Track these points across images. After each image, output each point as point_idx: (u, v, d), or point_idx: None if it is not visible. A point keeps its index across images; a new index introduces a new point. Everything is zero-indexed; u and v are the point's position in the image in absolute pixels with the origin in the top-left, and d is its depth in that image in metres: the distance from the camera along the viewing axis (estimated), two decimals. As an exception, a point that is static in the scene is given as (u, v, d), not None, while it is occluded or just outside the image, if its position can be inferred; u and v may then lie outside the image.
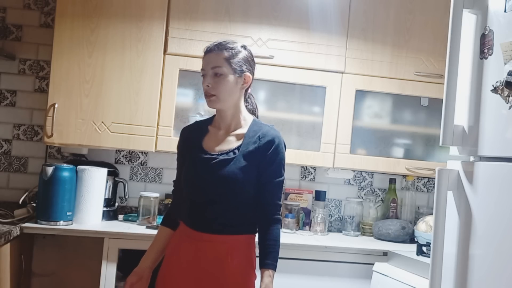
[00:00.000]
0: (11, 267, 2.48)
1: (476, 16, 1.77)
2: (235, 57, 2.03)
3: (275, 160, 2.04)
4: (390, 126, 3.14)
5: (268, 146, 2.03)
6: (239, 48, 2.06)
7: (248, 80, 2.08)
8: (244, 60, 2.07)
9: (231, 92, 2.03)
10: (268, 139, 2.04)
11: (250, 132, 2.05)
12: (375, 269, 2.68)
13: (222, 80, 2.00)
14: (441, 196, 1.76)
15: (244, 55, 2.08)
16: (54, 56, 2.78)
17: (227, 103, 2.04)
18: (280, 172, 2.05)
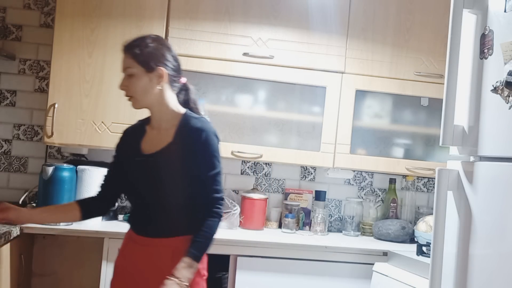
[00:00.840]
0: (11, 267, 2.48)
1: (476, 16, 1.77)
2: (143, 54, 1.96)
3: (206, 152, 1.96)
4: (390, 126, 3.14)
5: (197, 139, 1.96)
6: (147, 43, 1.99)
7: (162, 74, 1.97)
8: (153, 54, 1.98)
9: (146, 91, 1.96)
10: (196, 132, 1.97)
11: (180, 127, 1.99)
12: (375, 269, 2.68)
13: (134, 80, 1.95)
14: (441, 196, 1.76)
15: (153, 49, 1.98)
16: (54, 56, 2.78)
17: (146, 102, 1.99)
18: (213, 165, 1.97)
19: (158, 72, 1.96)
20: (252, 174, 3.27)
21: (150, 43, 1.99)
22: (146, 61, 1.95)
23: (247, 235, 2.85)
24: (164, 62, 1.99)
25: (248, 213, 3.03)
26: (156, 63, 1.97)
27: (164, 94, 2.00)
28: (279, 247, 2.78)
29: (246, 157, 2.95)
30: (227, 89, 3.00)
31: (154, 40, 2.02)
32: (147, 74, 1.96)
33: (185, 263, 1.91)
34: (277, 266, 2.75)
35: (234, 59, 2.91)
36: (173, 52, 2.06)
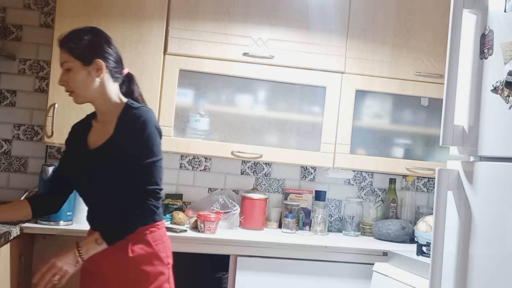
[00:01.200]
0: (11, 267, 2.48)
1: (476, 16, 1.77)
2: (79, 47, 1.93)
3: (141, 140, 1.93)
4: (390, 126, 3.14)
5: (132, 127, 1.94)
6: (82, 36, 1.96)
7: (100, 66, 1.95)
8: (89, 46, 1.95)
9: (86, 85, 1.95)
10: (133, 121, 1.94)
11: (120, 118, 1.98)
12: (375, 269, 2.68)
13: (72, 75, 1.94)
14: (441, 196, 1.76)
15: (89, 42, 1.96)
16: (54, 56, 2.77)
17: (87, 96, 1.98)
18: (149, 154, 1.92)
19: (96, 64, 1.95)
20: (252, 174, 3.27)
21: (85, 35, 1.97)
22: (82, 54, 1.93)
23: (247, 235, 2.85)
24: (102, 54, 1.97)
25: (248, 213, 3.03)
26: (93, 55, 1.94)
27: (105, 86, 1.98)
28: (279, 247, 2.78)
29: (246, 157, 2.95)
30: (227, 89, 3.00)
31: (89, 32, 1.99)
32: (85, 68, 1.94)
33: (93, 239, 1.90)
34: (277, 266, 2.75)
35: (234, 59, 2.91)
36: (112, 42, 2.03)
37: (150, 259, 1.99)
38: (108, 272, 2.00)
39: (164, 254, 2.03)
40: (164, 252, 2.03)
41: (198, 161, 3.23)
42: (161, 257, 2.01)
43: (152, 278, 1.99)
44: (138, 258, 1.97)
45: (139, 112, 1.96)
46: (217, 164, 3.24)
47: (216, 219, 2.81)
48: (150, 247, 1.99)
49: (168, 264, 2.05)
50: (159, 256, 2.01)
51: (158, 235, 2.02)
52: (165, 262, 2.03)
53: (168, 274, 2.04)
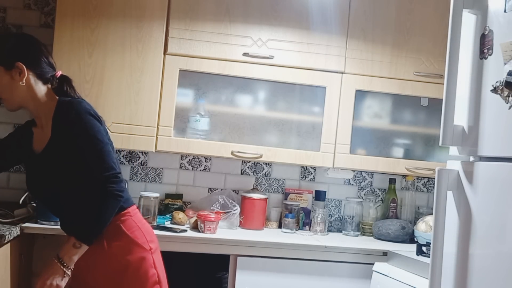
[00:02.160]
0: (11, 267, 2.48)
1: (476, 16, 1.78)
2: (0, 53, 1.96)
3: (80, 131, 1.91)
4: (390, 126, 3.14)
5: (67, 122, 1.92)
6: (4, 41, 1.98)
7: (22, 69, 1.95)
8: (9, 50, 1.96)
9: (12, 90, 1.95)
10: (65, 116, 1.92)
11: (55, 117, 1.96)
12: (375, 269, 2.68)
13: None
14: (441, 196, 1.77)
15: (10, 46, 1.98)
16: (54, 56, 2.76)
17: (17, 101, 1.98)
18: (93, 141, 1.90)
19: (18, 68, 1.95)
20: (252, 174, 3.28)
21: (6, 41, 1.98)
22: (4, 58, 1.94)
23: (247, 235, 2.85)
24: (25, 57, 1.97)
25: (248, 213, 3.03)
26: (14, 59, 1.94)
27: (33, 89, 1.98)
28: (279, 247, 2.78)
29: (246, 157, 2.95)
30: (227, 89, 3.00)
31: (11, 37, 2.03)
32: (8, 72, 1.95)
33: (70, 245, 1.90)
34: (277, 266, 2.76)
35: (234, 59, 2.91)
36: (41, 45, 2.04)
37: (128, 248, 1.98)
38: (88, 270, 1.99)
39: (143, 240, 2.00)
40: (143, 238, 2.00)
41: (198, 161, 3.23)
42: (139, 243, 1.99)
43: (133, 265, 1.97)
44: (115, 249, 1.96)
45: (69, 105, 1.95)
46: (217, 164, 3.24)
47: (216, 219, 2.81)
48: (125, 236, 1.97)
49: (151, 249, 2.02)
50: (137, 243, 1.99)
51: (132, 222, 2.00)
52: (145, 247, 2.00)
53: (151, 259, 2.01)
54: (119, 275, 1.98)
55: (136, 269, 1.98)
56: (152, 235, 2.08)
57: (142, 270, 1.99)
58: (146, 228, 2.06)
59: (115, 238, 1.97)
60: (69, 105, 1.95)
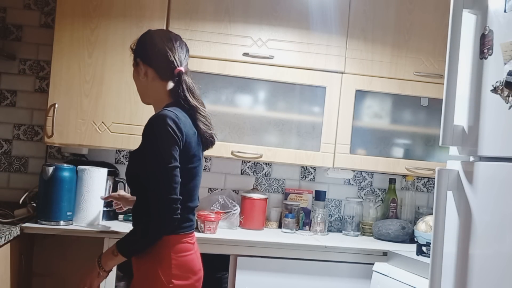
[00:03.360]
0: (11, 267, 2.48)
1: (476, 16, 1.78)
2: (134, 48, 2.05)
3: (144, 147, 1.88)
4: (390, 126, 3.14)
5: (144, 129, 1.89)
6: (139, 38, 2.06)
7: (141, 66, 2.00)
8: (138, 48, 2.04)
9: (139, 86, 2.04)
10: (145, 126, 1.89)
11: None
12: (375, 269, 2.68)
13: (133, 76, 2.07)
14: (441, 196, 1.77)
15: (140, 42, 2.04)
16: (54, 56, 2.78)
17: (145, 98, 2.06)
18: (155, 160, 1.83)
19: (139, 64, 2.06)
20: (252, 174, 3.28)
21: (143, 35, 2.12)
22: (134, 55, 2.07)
23: (247, 235, 2.85)
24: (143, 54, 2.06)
25: (248, 213, 3.03)
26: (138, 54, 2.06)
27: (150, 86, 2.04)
28: (279, 247, 2.78)
29: (246, 157, 2.95)
30: (227, 89, 3.00)
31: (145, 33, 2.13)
32: (136, 69, 2.07)
33: (110, 249, 1.93)
34: (277, 266, 2.76)
35: (234, 59, 2.91)
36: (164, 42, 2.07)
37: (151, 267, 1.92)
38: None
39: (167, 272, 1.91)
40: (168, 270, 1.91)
41: (198, 161, 3.23)
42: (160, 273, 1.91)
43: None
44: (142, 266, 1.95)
45: (152, 117, 1.91)
46: (217, 164, 3.24)
47: (216, 219, 2.81)
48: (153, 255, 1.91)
49: (170, 284, 1.91)
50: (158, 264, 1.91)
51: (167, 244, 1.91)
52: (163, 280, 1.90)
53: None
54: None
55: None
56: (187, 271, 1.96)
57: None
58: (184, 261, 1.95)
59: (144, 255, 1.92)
60: (151, 118, 1.91)
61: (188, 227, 1.98)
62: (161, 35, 2.07)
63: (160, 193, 1.82)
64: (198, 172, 2.00)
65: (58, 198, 2.65)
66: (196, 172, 1.99)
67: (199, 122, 2.01)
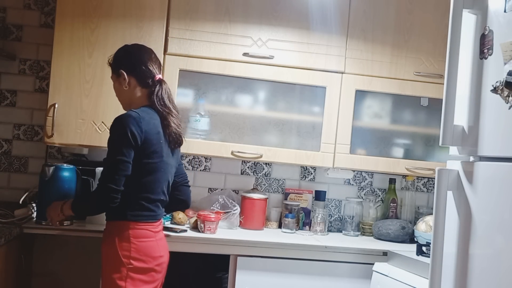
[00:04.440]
0: (11, 267, 2.48)
1: (476, 16, 1.78)
2: (113, 59, 2.27)
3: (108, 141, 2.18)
4: (390, 126, 3.14)
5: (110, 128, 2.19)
6: (117, 52, 2.29)
7: (122, 76, 2.25)
8: (117, 59, 2.26)
9: (120, 94, 2.27)
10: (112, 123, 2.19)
11: None
12: (375, 269, 2.68)
13: (113, 86, 2.33)
14: (441, 196, 1.77)
15: (118, 54, 2.26)
16: (54, 56, 2.78)
17: (125, 105, 2.30)
18: (108, 153, 2.15)
19: (120, 74, 2.30)
20: (252, 174, 3.28)
21: (120, 49, 2.37)
22: (114, 65, 2.32)
23: (247, 235, 2.85)
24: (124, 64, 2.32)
25: (248, 213, 3.03)
26: (119, 65, 2.30)
27: (132, 93, 2.30)
28: (279, 247, 2.78)
29: (246, 157, 2.95)
30: (227, 89, 3.00)
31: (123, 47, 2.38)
32: (117, 79, 2.33)
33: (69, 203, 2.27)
34: (277, 266, 2.76)
35: (234, 59, 2.91)
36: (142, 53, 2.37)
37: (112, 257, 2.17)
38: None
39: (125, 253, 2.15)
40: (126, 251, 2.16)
41: (198, 161, 3.23)
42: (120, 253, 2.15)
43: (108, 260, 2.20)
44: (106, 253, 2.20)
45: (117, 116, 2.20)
46: (217, 164, 3.24)
47: (216, 219, 2.81)
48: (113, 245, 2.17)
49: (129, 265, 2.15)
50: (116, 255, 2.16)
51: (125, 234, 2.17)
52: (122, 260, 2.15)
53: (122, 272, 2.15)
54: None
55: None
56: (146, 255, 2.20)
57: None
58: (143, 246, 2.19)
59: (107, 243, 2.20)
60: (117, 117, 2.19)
61: (148, 216, 2.22)
62: (139, 48, 2.34)
63: (102, 180, 2.11)
64: (159, 167, 2.22)
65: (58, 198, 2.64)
66: (157, 167, 2.21)
67: (171, 122, 2.26)
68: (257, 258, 2.75)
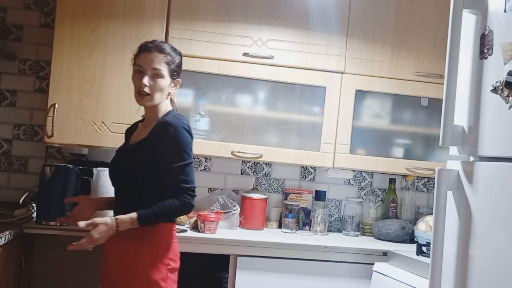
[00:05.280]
0: (11, 267, 2.48)
1: (476, 16, 1.78)
2: (173, 62, 2.18)
3: (172, 145, 2.07)
4: (390, 126, 3.14)
5: (163, 131, 2.09)
6: (176, 55, 2.21)
7: (178, 84, 2.25)
8: (178, 66, 2.23)
9: (163, 93, 2.16)
10: (163, 125, 2.10)
11: (157, 123, 2.15)
12: (375, 269, 2.68)
13: (160, 81, 2.14)
14: (441, 196, 1.77)
15: (179, 62, 2.23)
16: (54, 56, 2.78)
17: (156, 102, 2.16)
18: (181, 157, 2.07)
19: (177, 82, 2.25)
20: (252, 174, 3.28)
21: (177, 54, 2.25)
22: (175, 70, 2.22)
23: (247, 235, 2.85)
24: (180, 74, 2.28)
25: (248, 213, 3.03)
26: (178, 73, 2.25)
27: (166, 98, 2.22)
28: (279, 247, 2.78)
29: (246, 157, 2.95)
30: (227, 89, 3.00)
31: (179, 53, 2.27)
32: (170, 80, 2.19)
33: (129, 216, 2.02)
34: (277, 266, 2.76)
35: (234, 59, 2.91)
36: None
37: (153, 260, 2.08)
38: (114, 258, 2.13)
39: (168, 255, 2.11)
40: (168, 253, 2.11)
41: (198, 161, 3.23)
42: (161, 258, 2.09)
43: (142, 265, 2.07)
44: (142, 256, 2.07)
45: (171, 120, 2.11)
46: (217, 164, 3.24)
47: (216, 219, 2.81)
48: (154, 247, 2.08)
49: (168, 266, 2.11)
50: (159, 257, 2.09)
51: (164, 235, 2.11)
52: (165, 262, 2.10)
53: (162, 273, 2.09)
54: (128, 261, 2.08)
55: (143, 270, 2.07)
56: (176, 255, 2.17)
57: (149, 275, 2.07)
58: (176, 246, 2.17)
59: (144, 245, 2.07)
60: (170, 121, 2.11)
61: None
62: None
63: (184, 182, 2.05)
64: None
65: (58, 198, 2.65)
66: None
67: None
68: (257, 258, 2.75)
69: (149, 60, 2.12)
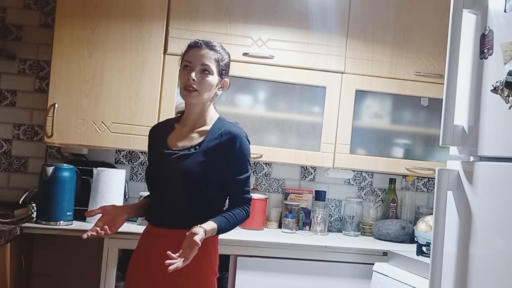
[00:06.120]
0: (11, 267, 2.48)
1: (476, 16, 1.78)
2: (222, 60, 2.15)
3: (240, 157, 2.07)
4: (390, 126, 3.14)
5: (231, 143, 2.06)
6: (225, 53, 2.19)
7: (226, 85, 2.20)
8: (227, 65, 2.20)
9: (211, 91, 2.12)
10: (230, 137, 2.07)
11: (213, 129, 2.10)
12: (375, 269, 2.68)
13: (209, 78, 2.09)
14: (441, 196, 1.77)
15: (228, 61, 2.21)
16: (54, 56, 2.78)
17: (203, 99, 2.11)
18: (246, 168, 2.09)
19: (225, 82, 2.22)
20: (252, 174, 3.28)
21: (226, 53, 2.23)
22: (224, 68, 2.20)
23: (247, 235, 2.85)
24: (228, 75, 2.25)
25: (248, 213, 3.03)
26: (227, 73, 2.23)
27: (213, 99, 2.18)
28: (279, 247, 2.78)
29: (246, 157, 2.94)
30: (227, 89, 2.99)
31: (228, 53, 2.24)
32: (218, 79, 2.17)
33: (211, 227, 1.95)
34: (277, 266, 2.76)
35: (234, 59, 2.88)
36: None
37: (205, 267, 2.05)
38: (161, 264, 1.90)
39: (215, 264, 2.11)
40: (216, 262, 2.11)
41: (198, 161, 3.22)
42: (213, 265, 2.09)
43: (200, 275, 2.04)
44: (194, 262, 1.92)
45: (236, 130, 2.09)
46: (217, 164, 3.24)
47: (216, 219, 2.80)
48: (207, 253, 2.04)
49: (216, 275, 2.12)
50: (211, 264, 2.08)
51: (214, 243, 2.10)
52: (214, 269, 2.10)
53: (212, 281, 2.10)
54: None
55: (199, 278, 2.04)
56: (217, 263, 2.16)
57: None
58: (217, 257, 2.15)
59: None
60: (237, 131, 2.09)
61: None
62: None
63: (248, 193, 2.10)
64: None
65: (58, 198, 2.65)
66: None
67: None
68: (257, 258, 2.75)
69: (198, 56, 2.09)
